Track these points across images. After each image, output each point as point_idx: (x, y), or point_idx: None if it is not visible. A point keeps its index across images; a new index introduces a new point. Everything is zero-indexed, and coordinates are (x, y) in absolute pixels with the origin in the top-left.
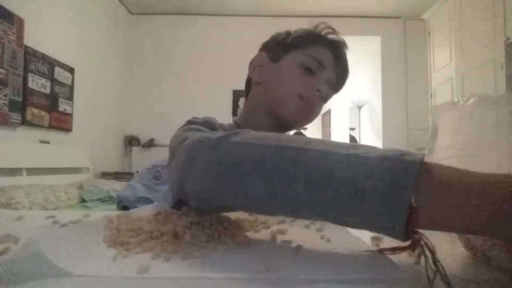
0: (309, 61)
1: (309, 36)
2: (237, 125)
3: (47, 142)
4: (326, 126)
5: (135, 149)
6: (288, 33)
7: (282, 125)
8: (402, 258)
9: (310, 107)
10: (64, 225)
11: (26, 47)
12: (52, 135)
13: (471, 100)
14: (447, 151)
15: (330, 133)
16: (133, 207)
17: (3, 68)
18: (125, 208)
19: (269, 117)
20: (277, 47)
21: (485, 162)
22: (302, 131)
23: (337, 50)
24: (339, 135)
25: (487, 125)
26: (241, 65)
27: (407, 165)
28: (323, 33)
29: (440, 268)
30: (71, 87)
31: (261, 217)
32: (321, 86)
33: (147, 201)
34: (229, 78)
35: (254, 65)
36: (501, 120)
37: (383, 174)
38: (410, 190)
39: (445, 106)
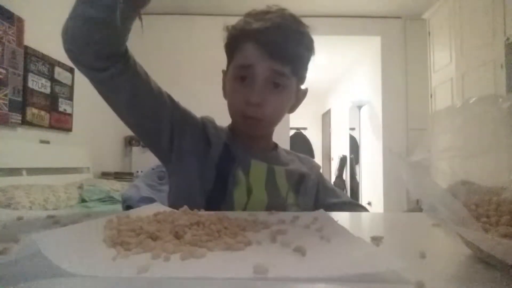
0: (237, 72)
1: (230, 43)
2: (230, 129)
3: (47, 142)
4: (326, 126)
5: (135, 149)
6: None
7: None
8: (404, 255)
9: (257, 120)
10: (64, 225)
11: (26, 47)
12: (52, 135)
13: (470, 101)
14: (447, 152)
15: (330, 133)
16: (137, 207)
17: (3, 68)
18: (129, 208)
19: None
20: (227, 60)
21: (485, 161)
22: (302, 131)
23: (256, 37)
24: (339, 135)
25: (486, 125)
26: None
27: None
28: (239, 28)
29: None
30: (71, 87)
31: (261, 217)
32: (249, 95)
33: (151, 201)
34: None
35: (223, 83)
36: (500, 119)
37: None
38: None
39: (444, 111)
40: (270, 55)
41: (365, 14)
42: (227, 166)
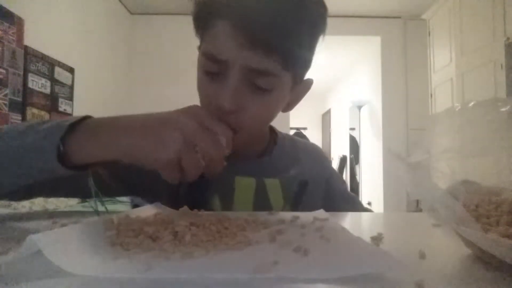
0: (205, 63)
1: (197, 18)
2: None
3: None
4: (326, 126)
5: None
6: None
7: None
8: (404, 255)
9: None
10: (64, 225)
11: (26, 47)
12: None
13: (468, 105)
14: (446, 153)
15: (330, 133)
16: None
17: (3, 68)
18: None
19: None
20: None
21: (485, 162)
22: (302, 131)
23: (230, 14)
24: (339, 135)
25: (486, 126)
26: None
27: (60, 128)
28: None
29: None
30: (71, 87)
31: (261, 218)
32: (220, 98)
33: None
34: None
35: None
36: (499, 121)
37: (45, 136)
38: (58, 141)
39: (443, 113)
40: (251, 44)
41: (365, 14)
42: (200, 194)
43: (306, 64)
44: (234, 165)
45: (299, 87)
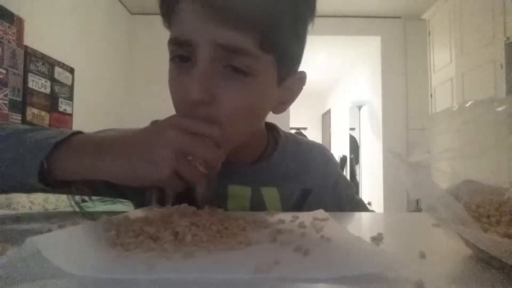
0: (172, 50)
1: (162, 5)
2: None
3: None
4: (326, 126)
5: None
6: None
7: None
8: (404, 255)
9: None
10: (62, 226)
11: (26, 47)
12: None
13: (465, 105)
14: (447, 153)
15: (330, 133)
16: None
17: (3, 68)
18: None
19: None
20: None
21: (485, 162)
22: (302, 131)
23: None
24: (339, 135)
25: (484, 126)
26: None
27: (44, 144)
28: None
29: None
30: (71, 87)
31: (261, 217)
32: (187, 88)
33: None
34: None
35: None
36: (497, 121)
37: (31, 151)
38: (41, 159)
39: (441, 113)
40: (218, 19)
41: (365, 14)
42: (192, 204)
43: (293, 54)
44: (227, 172)
45: (289, 81)
